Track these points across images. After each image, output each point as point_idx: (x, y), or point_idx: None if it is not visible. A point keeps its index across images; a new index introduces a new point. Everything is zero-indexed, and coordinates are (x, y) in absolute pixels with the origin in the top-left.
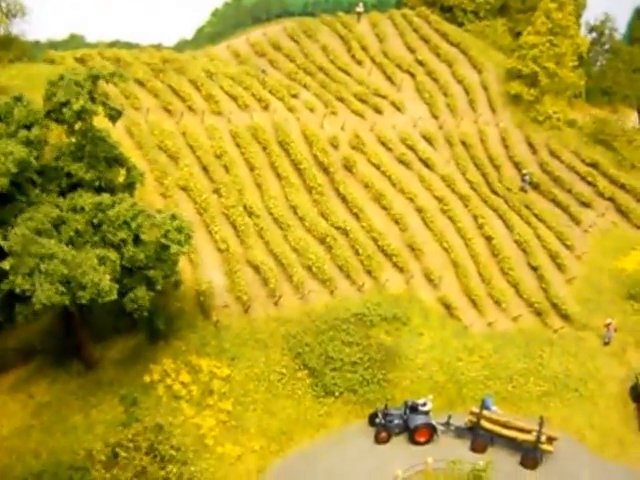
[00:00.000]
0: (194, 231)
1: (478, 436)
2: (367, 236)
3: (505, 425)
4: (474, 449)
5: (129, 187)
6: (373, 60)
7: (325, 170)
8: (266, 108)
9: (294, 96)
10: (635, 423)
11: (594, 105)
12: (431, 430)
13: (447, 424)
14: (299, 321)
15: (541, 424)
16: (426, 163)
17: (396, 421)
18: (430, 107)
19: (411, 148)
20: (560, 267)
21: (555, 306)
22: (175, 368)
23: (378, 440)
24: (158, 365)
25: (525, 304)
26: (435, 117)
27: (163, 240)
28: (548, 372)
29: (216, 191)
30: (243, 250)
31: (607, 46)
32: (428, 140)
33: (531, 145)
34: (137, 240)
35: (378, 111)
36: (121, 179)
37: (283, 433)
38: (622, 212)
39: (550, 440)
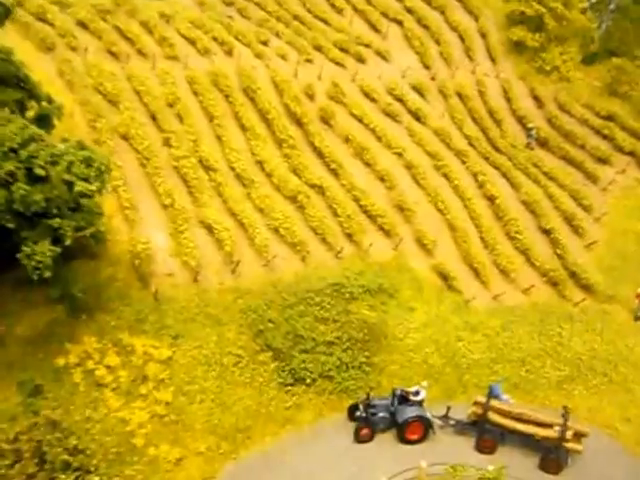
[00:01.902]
0: (111, 167)
1: (485, 432)
2: (347, 195)
3: (519, 418)
4: (480, 449)
5: (42, 122)
6: (355, 8)
7: (298, 122)
8: (230, 53)
9: (263, 43)
10: None
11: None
12: (425, 425)
13: (445, 418)
14: (262, 293)
15: (566, 416)
16: (416, 115)
17: (381, 414)
18: (421, 56)
19: (399, 99)
20: (577, 231)
21: (574, 275)
22: (100, 348)
23: (359, 438)
24: (77, 345)
25: (537, 273)
26: (426, 67)
27: (66, 175)
28: (569, 353)
29: (165, 142)
30: (195, 209)
31: (612, 6)
32: (419, 91)
33: (537, 98)
34: (33, 176)
35: (361, 60)
36: (32, 113)
37: (239, 430)
38: None
39: (578, 437)
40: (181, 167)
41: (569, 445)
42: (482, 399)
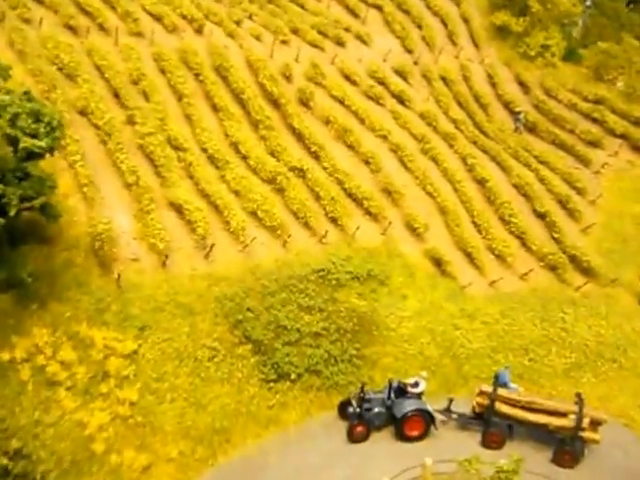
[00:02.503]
0: (64, 125)
1: (492, 425)
2: (330, 179)
3: (530, 407)
4: (487, 445)
5: None
6: None
7: (275, 103)
8: (200, 32)
9: (236, 23)
10: None
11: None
12: (426, 420)
13: (448, 411)
14: (239, 280)
15: (581, 403)
16: (400, 98)
17: (377, 409)
18: (402, 40)
19: (381, 82)
20: (572, 214)
21: (573, 259)
22: (53, 342)
23: (353, 437)
24: (25, 337)
25: (535, 258)
26: (409, 51)
27: (9, 130)
28: (574, 339)
29: (129, 119)
30: (163, 189)
31: (589, 2)
32: (401, 74)
33: (522, 84)
34: None
35: (340, 43)
36: None
37: (216, 432)
38: (638, 149)
39: (595, 425)
40: (147, 145)
41: (586, 435)
42: (488, 388)
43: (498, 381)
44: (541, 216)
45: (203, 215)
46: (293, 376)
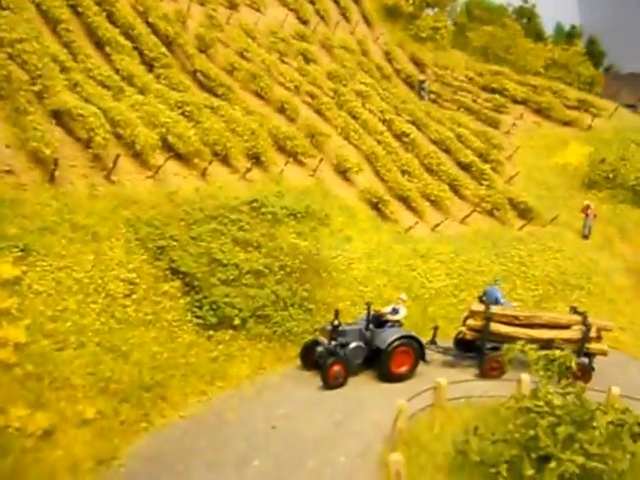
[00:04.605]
0: None
1: (488, 351)
2: (247, 117)
3: (529, 324)
4: (486, 374)
5: None
6: None
7: (170, 45)
8: None
9: None
10: None
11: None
12: (416, 351)
13: (433, 343)
14: (155, 204)
15: (584, 314)
16: (305, 56)
17: (355, 343)
18: (296, 12)
19: (283, 40)
20: (495, 168)
21: (510, 202)
22: None
23: (330, 380)
24: None
25: (470, 204)
26: (304, 22)
27: None
28: (537, 272)
29: None
30: (45, 100)
31: None
32: (302, 38)
33: (418, 64)
34: None
35: (232, 7)
36: None
37: (146, 388)
38: (541, 112)
39: (599, 335)
40: (17, 52)
41: (593, 346)
42: (479, 307)
43: (488, 298)
44: (466, 167)
45: (101, 122)
46: (236, 321)
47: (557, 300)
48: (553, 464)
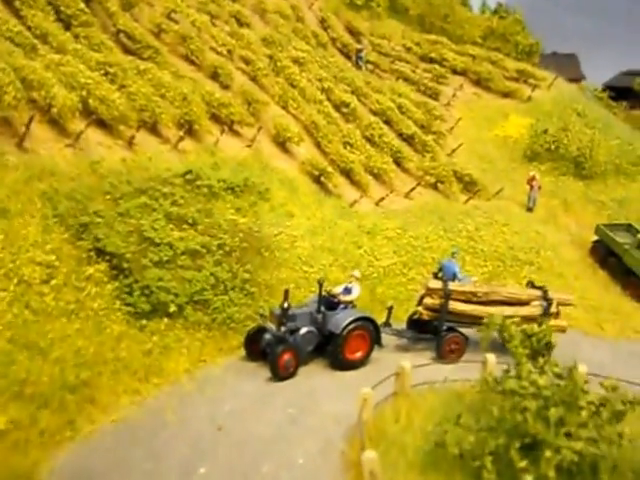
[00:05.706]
0: None
1: (447, 332)
2: (176, 83)
3: (488, 300)
4: (444, 355)
5: None
6: None
7: (90, 1)
8: None
9: None
10: (616, 289)
11: None
12: (371, 335)
13: (387, 325)
14: (75, 176)
15: (544, 288)
16: (238, 19)
17: (306, 328)
18: None
19: (213, 1)
20: (436, 139)
21: (455, 175)
22: None
23: (280, 370)
24: None
25: (414, 178)
26: None
27: None
28: (485, 247)
29: None
30: None
31: None
32: (234, 0)
33: (354, 33)
34: None
35: None
36: None
37: (71, 389)
38: (480, 83)
39: (559, 312)
40: None
41: (553, 323)
42: (436, 284)
43: (445, 273)
44: (408, 139)
45: (11, 79)
46: (172, 308)
47: (507, 277)
48: (549, 453)
